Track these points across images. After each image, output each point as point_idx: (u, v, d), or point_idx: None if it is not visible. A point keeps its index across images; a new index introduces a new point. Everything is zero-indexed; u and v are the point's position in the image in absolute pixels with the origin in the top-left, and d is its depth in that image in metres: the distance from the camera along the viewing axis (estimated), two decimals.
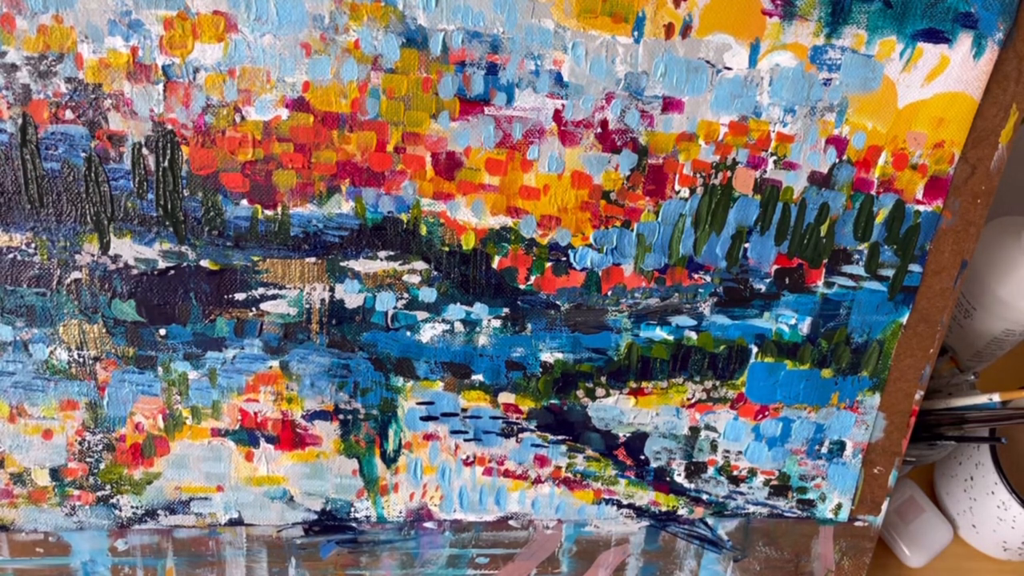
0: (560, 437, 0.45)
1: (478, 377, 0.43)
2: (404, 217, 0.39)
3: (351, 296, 0.40)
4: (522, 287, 0.41)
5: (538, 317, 0.42)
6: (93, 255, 0.38)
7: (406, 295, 0.41)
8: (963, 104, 0.38)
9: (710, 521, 0.49)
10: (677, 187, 0.39)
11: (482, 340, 0.42)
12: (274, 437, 0.44)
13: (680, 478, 0.47)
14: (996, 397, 0.49)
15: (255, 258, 0.39)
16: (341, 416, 0.44)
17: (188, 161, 0.37)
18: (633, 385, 0.44)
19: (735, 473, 0.47)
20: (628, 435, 0.46)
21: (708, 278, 0.41)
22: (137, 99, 0.35)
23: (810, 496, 0.48)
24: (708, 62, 0.36)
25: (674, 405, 0.45)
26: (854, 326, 0.43)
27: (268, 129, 0.36)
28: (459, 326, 0.42)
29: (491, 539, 0.48)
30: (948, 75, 0.37)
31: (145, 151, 0.36)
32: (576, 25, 0.35)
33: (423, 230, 0.39)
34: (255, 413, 0.43)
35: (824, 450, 0.47)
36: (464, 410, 0.44)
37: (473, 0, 0.34)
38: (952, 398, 0.51)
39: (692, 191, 0.39)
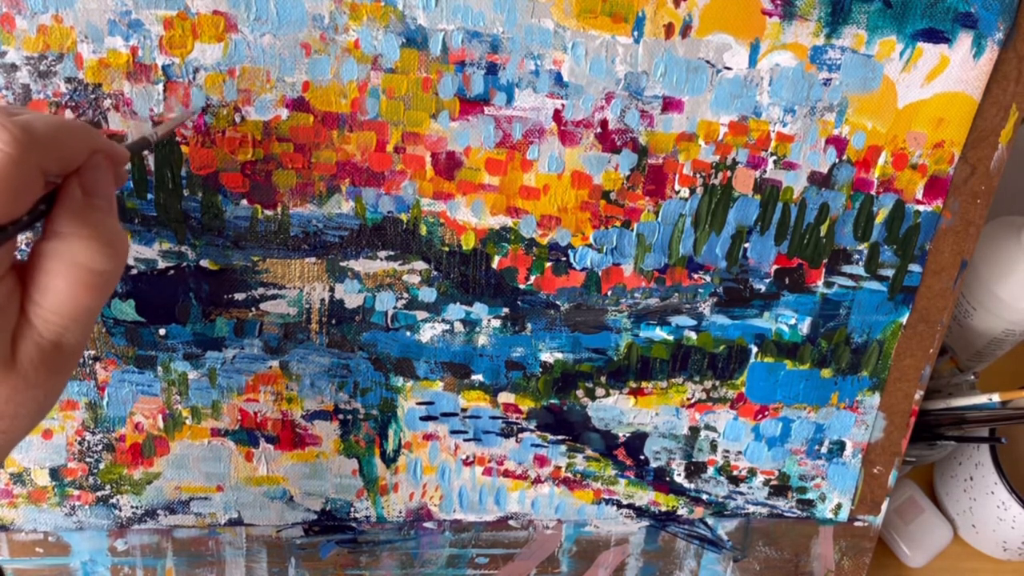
0: (560, 437, 0.45)
1: (478, 377, 0.43)
2: (404, 217, 0.39)
3: (351, 296, 0.40)
4: (522, 287, 0.41)
5: (538, 317, 0.42)
6: None
7: (406, 295, 0.41)
8: (963, 104, 0.38)
9: (710, 521, 0.49)
10: (677, 187, 0.39)
11: (482, 340, 0.42)
12: (274, 437, 0.44)
13: (680, 478, 0.47)
14: (996, 397, 0.49)
15: (255, 258, 0.39)
16: (341, 416, 0.44)
17: (188, 161, 0.37)
18: (633, 385, 0.44)
19: (735, 473, 0.47)
20: (628, 435, 0.46)
21: (708, 278, 0.41)
22: (137, 99, 0.35)
23: (810, 496, 0.48)
24: (708, 62, 0.36)
25: (674, 405, 0.45)
26: (854, 326, 0.43)
27: (268, 129, 0.36)
28: (459, 326, 0.42)
29: (491, 539, 0.48)
30: (948, 75, 0.37)
31: (145, 151, 0.36)
32: (576, 25, 0.35)
33: (423, 230, 0.39)
34: (255, 413, 0.43)
35: (824, 450, 0.47)
36: (464, 410, 0.44)
37: (473, 0, 0.34)
38: (952, 398, 0.51)
39: (692, 191, 0.39)
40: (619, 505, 0.48)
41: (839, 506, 0.49)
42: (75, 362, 0.27)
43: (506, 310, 0.42)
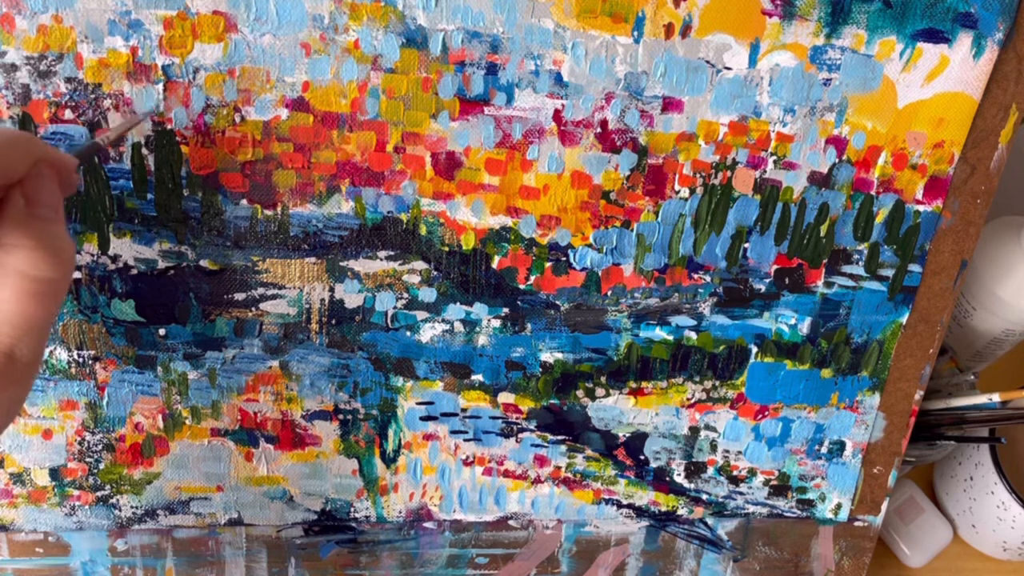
0: (560, 437, 0.45)
1: (478, 377, 0.43)
2: (404, 217, 0.39)
3: (351, 296, 0.40)
4: (522, 287, 0.41)
5: (538, 317, 0.42)
6: (92, 255, 0.38)
7: (406, 295, 0.41)
8: (963, 104, 0.38)
9: (710, 521, 0.49)
10: (677, 187, 0.39)
11: (482, 340, 0.42)
12: (274, 437, 0.44)
13: (680, 478, 0.47)
14: (996, 397, 0.49)
15: (255, 258, 0.39)
16: (341, 416, 0.44)
17: (188, 161, 0.37)
18: (633, 385, 0.44)
19: (735, 473, 0.47)
20: (628, 435, 0.46)
21: (708, 278, 0.41)
22: (137, 99, 0.35)
23: (810, 496, 0.48)
24: (708, 62, 0.36)
25: (674, 405, 0.45)
26: (854, 326, 0.43)
27: (268, 129, 0.36)
28: (459, 326, 0.42)
29: (491, 539, 0.48)
30: (948, 75, 0.37)
31: (145, 151, 0.36)
32: (576, 25, 0.35)
33: (423, 230, 0.39)
34: (255, 413, 0.43)
35: (824, 450, 0.47)
36: (464, 410, 0.44)
37: (473, 0, 0.34)
38: (952, 398, 0.51)
39: (692, 191, 0.39)
40: (619, 505, 0.48)
41: (839, 506, 0.49)
42: (32, 375, 0.27)
43: (506, 310, 0.42)
